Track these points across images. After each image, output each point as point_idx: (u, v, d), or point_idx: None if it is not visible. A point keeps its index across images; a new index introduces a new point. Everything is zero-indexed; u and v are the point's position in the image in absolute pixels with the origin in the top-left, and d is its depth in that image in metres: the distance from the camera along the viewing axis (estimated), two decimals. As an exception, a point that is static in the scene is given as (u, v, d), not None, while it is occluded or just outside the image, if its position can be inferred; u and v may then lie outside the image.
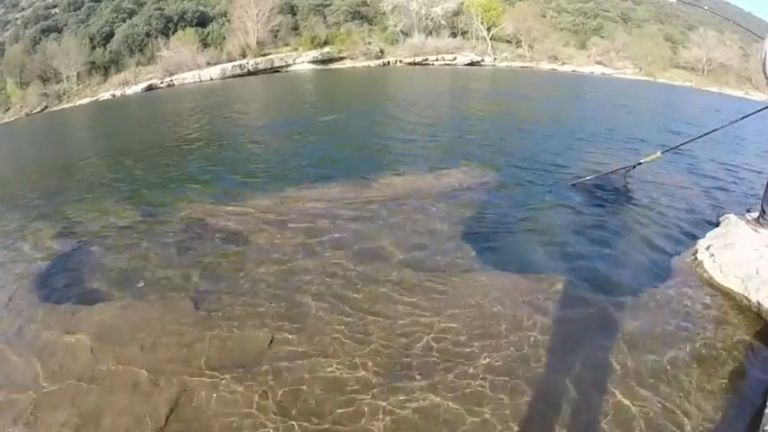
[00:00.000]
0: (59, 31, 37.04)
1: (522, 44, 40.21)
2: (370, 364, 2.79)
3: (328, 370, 2.76)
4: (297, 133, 10.39)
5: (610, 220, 4.90)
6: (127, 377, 2.81)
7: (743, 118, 4.91)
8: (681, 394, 2.51)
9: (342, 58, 37.49)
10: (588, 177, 5.88)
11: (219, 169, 7.50)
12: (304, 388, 2.63)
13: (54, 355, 3.10)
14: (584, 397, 2.50)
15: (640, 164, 5.51)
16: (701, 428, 2.32)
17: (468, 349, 2.88)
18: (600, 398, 2.49)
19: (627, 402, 2.45)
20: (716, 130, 5.37)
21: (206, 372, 2.80)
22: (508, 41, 41.38)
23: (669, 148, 5.66)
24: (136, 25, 37.15)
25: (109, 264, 4.39)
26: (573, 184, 5.92)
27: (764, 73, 3.61)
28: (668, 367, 2.69)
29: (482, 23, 40.70)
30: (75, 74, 33.46)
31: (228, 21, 38.27)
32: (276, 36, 38.64)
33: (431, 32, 40.98)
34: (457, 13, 42.41)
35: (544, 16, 44.21)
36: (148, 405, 2.58)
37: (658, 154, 5.40)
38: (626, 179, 5.79)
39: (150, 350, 3.04)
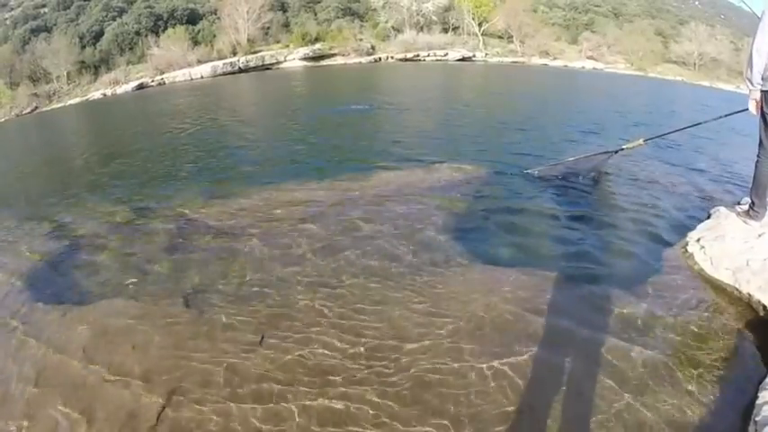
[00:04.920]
0: (49, 30, 36.55)
1: (514, 39, 40.26)
2: (362, 361, 2.79)
3: (320, 368, 2.75)
4: (287, 131, 10.37)
5: (600, 212, 4.93)
6: (119, 376, 2.79)
7: (727, 115, 4.95)
8: (672, 385, 2.52)
9: (333, 55, 37.28)
10: (565, 160, 5.93)
11: (210, 168, 7.46)
12: (294, 386, 2.62)
13: (46, 354, 3.08)
14: (575, 388, 2.51)
15: (623, 149, 5.54)
16: (692, 419, 2.33)
17: (461, 344, 2.88)
18: (591, 389, 2.50)
19: (618, 394, 2.46)
20: (700, 123, 5.43)
21: (197, 370, 2.78)
22: (500, 37, 41.44)
23: (653, 137, 5.71)
24: (126, 24, 36.77)
25: (100, 264, 4.36)
26: (553, 165, 6.00)
27: (750, 81, 3.57)
28: (659, 359, 2.71)
29: (473, 19, 40.75)
30: (65, 74, 33.00)
31: (219, 18, 37.92)
32: (267, 33, 38.38)
33: (422, 28, 40.94)
34: (448, 9, 42.42)
35: (535, 11, 44.28)
36: (140, 404, 2.57)
37: (641, 141, 5.43)
38: (607, 164, 5.85)
39: (142, 349, 3.02)
